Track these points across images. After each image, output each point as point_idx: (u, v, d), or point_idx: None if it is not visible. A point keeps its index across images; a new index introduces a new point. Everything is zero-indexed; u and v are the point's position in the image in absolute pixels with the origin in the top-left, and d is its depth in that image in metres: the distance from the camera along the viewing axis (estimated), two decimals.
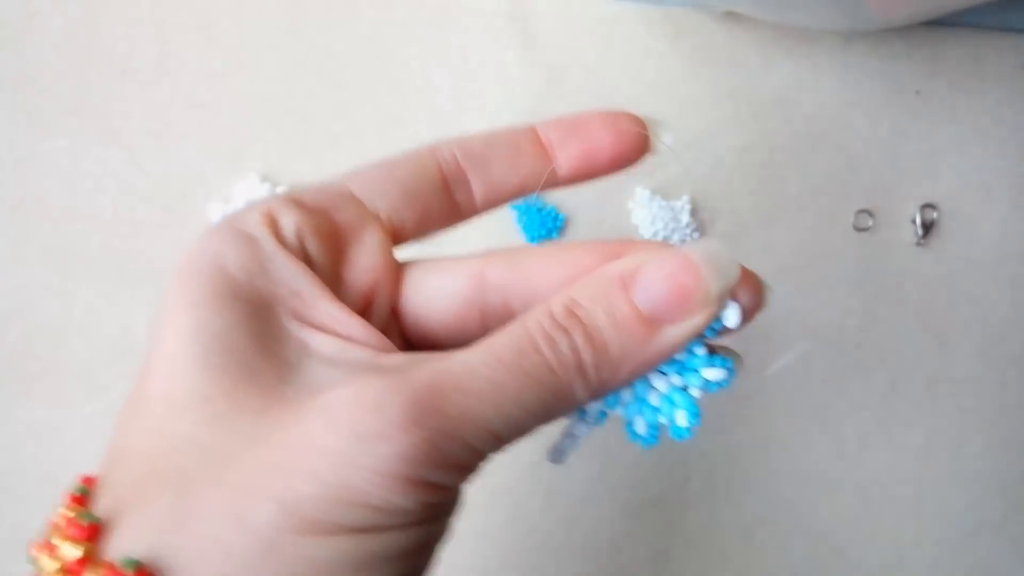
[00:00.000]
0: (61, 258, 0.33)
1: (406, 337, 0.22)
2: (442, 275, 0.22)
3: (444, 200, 0.23)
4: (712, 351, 0.20)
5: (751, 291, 0.20)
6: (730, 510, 0.37)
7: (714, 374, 0.20)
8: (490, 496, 0.36)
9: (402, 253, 0.23)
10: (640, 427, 0.20)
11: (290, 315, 0.19)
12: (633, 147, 0.25)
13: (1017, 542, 0.40)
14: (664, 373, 0.20)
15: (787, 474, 0.37)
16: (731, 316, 0.20)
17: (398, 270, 0.22)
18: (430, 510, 0.17)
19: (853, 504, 0.38)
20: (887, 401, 0.38)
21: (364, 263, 0.21)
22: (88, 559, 0.17)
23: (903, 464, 0.39)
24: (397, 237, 0.23)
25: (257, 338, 0.18)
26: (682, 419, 0.20)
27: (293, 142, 0.34)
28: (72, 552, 0.17)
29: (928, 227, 0.38)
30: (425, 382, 0.17)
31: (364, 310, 0.21)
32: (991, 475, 0.39)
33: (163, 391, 0.18)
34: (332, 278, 0.21)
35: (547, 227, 0.36)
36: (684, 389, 0.20)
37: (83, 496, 0.18)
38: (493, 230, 0.36)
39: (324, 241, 0.21)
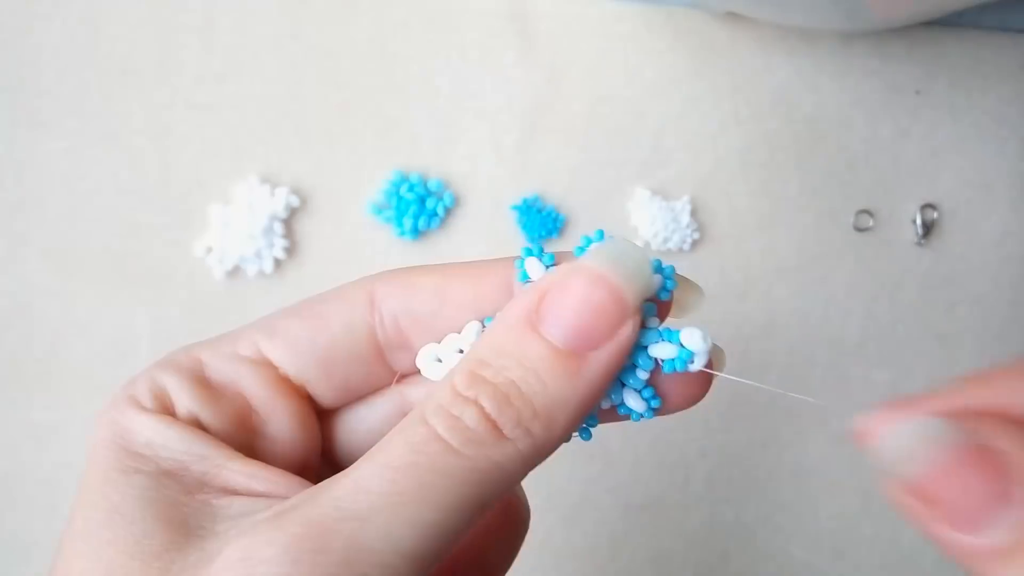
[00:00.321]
0: (61, 258, 0.33)
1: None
2: (367, 415, 0.21)
3: (373, 368, 0.20)
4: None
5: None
6: (730, 510, 0.37)
7: (668, 351, 0.17)
8: None
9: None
10: (634, 401, 0.18)
11: (198, 482, 0.18)
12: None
13: None
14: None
15: (787, 474, 0.37)
16: (694, 341, 0.17)
17: (318, 427, 0.20)
18: None
19: (853, 504, 0.38)
20: (887, 401, 0.38)
21: (281, 436, 0.20)
22: None
23: None
24: (316, 404, 0.20)
25: (153, 508, 0.17)
26: (667, 350, 0.18)
27: (293, 143, 0.34)
28: None
29: (928, 227, 0.38)
30: (307, 520, 0.15)
31: (287, 466, 0.19)
32: None
33: (68, 569, 0.17)
34: (245, 451, 0.19)
35: (547, 227, 0.36)
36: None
37: None
38: (493, 230, 0.36)
39: (230, 420, 0.19)
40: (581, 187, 0.36)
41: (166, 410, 0.19)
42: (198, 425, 0.19)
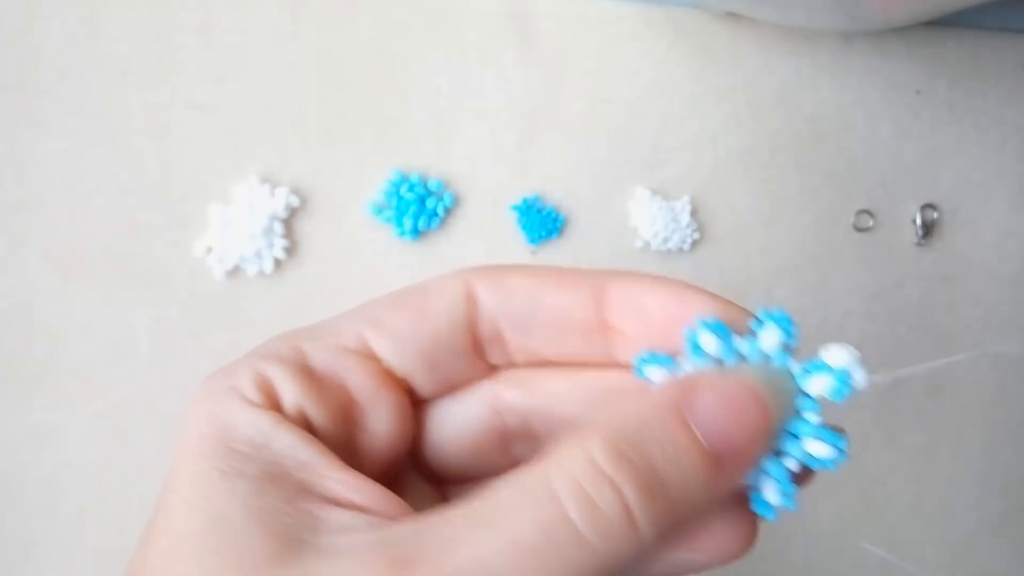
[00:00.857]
0: (61, 258, 0.33)
1: (427, 470, 0.21)
2: (459, 409, 0.20)
3: (469, 363, 0.20)
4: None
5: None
6: None
7: (821, 449, 0.17)
8: None
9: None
10: (772, 495, 0.17)
11: (297, 488, 0.17)
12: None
13: (1017, 542, 0.40)
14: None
15: None
16: (840, 357, 0.17)
17: (414, 420, 0.20)
18: None
19: (853, 504, 0.38)
20: (887, 401, 0.38)
21: (380, 430, 0.19)
22: None
23: (903, 464, 0.39)
24: (413, 396, 0.20)
25: (257, 514, 0.17)
26: (821, 448, 0.17)
27: (293, 143, 0.34)
28: None
29: (928, 227, 0.38)
30: (419, 570, 0.15)
31: (381, 469, 0.19)
32: (991, 475, 0.39)
33: (162, 567, 0.17)
34: (344, 446, 0.19)
35: (547, 227, 0.36)
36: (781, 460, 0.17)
37: None
38: (493, 230, 0.36)
39: (333, 413, 0.19)
40: (581, 187, 0.36)
41: (272, 404, 0.18)
42: (304, 419, 0.19)
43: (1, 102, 0.32)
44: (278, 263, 0.34)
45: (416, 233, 0.35)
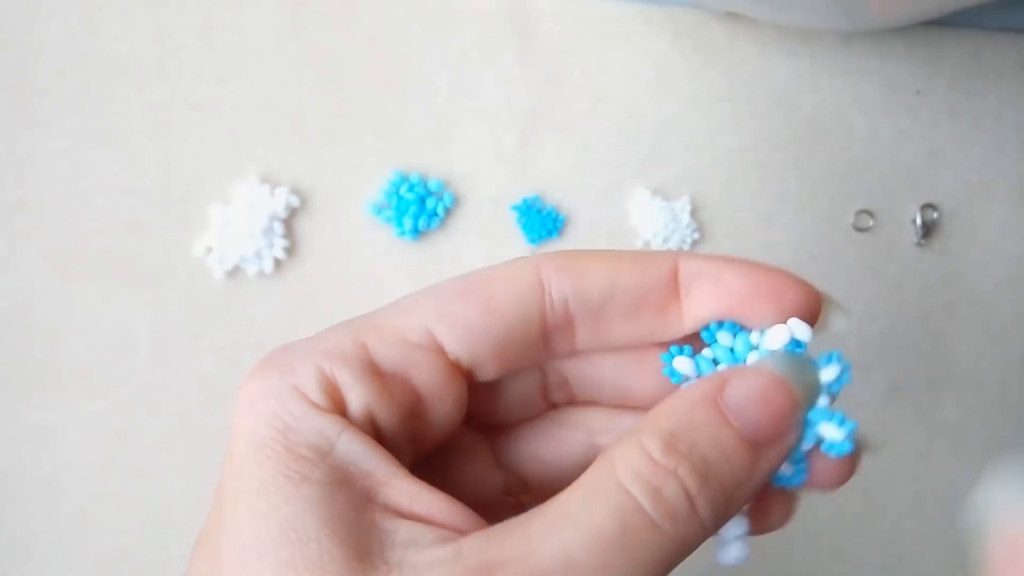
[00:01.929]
0: (61, 258, 0.33)
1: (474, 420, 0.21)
2: (511, 384, 0.20)
3: (537, 351, 0.20)
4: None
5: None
6: None
7: (834, 432, 0.18)
8: None
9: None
10: (787, 470, 0.19)
11: (363, 497, 0.17)
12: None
13: None
14: None
15: None
16: (801, 332, 0.18)
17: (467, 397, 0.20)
18: None
19: (853, 504, 0.38)
20: (887, 401, 0.38)
21: (443, 420, 0.19)
22: None
23: (903, 464, 0.39)
24: (472, 379, 0.20)
25: (329, 525, 0.16)
26: (834, 431, 0.18)
27: (293, 143, 0.34)
28: None
29: (928, 227, 0.38)
30: None
31: (435, 445, 0.19)
32: None
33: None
34: (405, 442, 0.19)
35: (547, 227, 0.36)
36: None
37: None
38: (493, 230, 0.36)
39: (398, 412, 0.18)
40: (581, 187, 0.36)
41: (338, 407, 0.18)
42: (370, 421, 0.18)
43: (1, 102, 0.32)
44: (278, 263, 0.34)
45: (416, 233, 0.35)
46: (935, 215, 0.38)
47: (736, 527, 0.19)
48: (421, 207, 0.35)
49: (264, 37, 0.34)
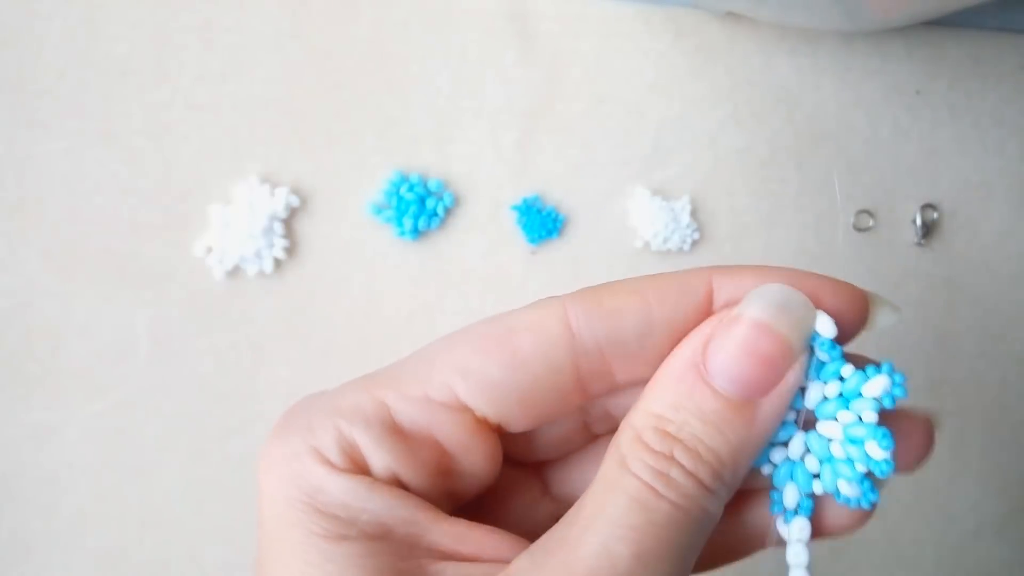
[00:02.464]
0: (61, 258, 0.33)
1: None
2: (546, 431, 0.20)
3: (571, 399, 0.19)
4: (856, 365, 0.18)
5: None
6: None
7: (880, 385, 0.17)
8: None
9: None
10: (848, 488, 0.18)
11: (406, 545, 0.17)
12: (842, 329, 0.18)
13: (1017, 542, 0.40)
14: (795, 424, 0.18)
15: None
16: (824, 326, 0.17)
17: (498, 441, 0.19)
18: None
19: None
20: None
21: (475, 473, 0.19)
22: None
23: None
24: (501, 431, 0.19)
25: None
26: (876, 450, 0.17)
27: (293, 143, 0.34)
28: None
29: (928, 227, 0.38)
30: None
31: (477, 493, 0.19)
32: (991, 475, 0.39)
33: None
34: (440, 496, 0.18)
35: (547, 227, 0.36)
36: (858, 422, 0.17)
37: None
38: (493, 230, 0.36)
39: (425, 470, 0.18)
40: (581, 187, 0.36)
41: (360, 468, 0.17)
42: (397, 483, 0.18)
43: (1, 102, 0.32)
44: (278, 263, 0.34)
45: (416, 233, 0.35)
46: (935, 215, 0.38)
47: (801, 531, 0.18)
48: (421, 207, 0.35)
49: (264, 37, 0.34)
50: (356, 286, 0.35)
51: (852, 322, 0.18)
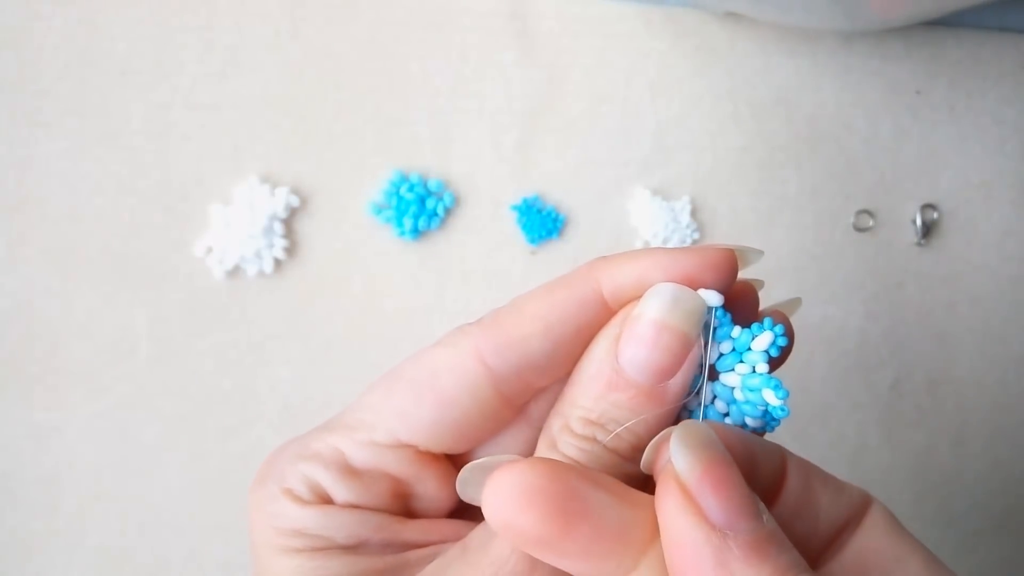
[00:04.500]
0: (61, 258, 0.33)
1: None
2: (497, 442, 0.22)
3: (506, 414, 0.21)
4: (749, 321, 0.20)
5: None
6: None
7: (765, 340, 0.20)
8: None
9: None
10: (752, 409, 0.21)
11: (385, 544, 0.20)
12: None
13: (1017, 542, 0.40)
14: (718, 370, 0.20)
15: None
16: (712, 298, 0.20)
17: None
18: None
19: None
20: (887, 401, 0.38)
21: (432, 495, 0.21)
22: None
23: (903, 464, 0.39)
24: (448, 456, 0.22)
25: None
26: (772, 397, 0.20)
27: (293, 142, 0.34)
28: None
29: (928, 227, 0.38)
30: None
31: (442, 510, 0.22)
32: (991, 475, 0.39)
33: None
34: (402, 513, 0.21)
35: (547, 227, 0.36)
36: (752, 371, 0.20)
37: None
38: (493, 230, 0.36)
39: (383, 499, 0.21)
40: (581, 187, 0.36)
41: (324, 501, 0.20)
42: (357, 510, 0.21)
43: (1, 102, 0.32)
44: (278, 263, 0.34)
45: (416, 233, 0.35)
46: (935, 215, 0.38)
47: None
48: (421, 207, 0.35)
49: (264, 37, 0.34)
50: (356, 286, 0.35)
51: (729, 275, 0.20)
